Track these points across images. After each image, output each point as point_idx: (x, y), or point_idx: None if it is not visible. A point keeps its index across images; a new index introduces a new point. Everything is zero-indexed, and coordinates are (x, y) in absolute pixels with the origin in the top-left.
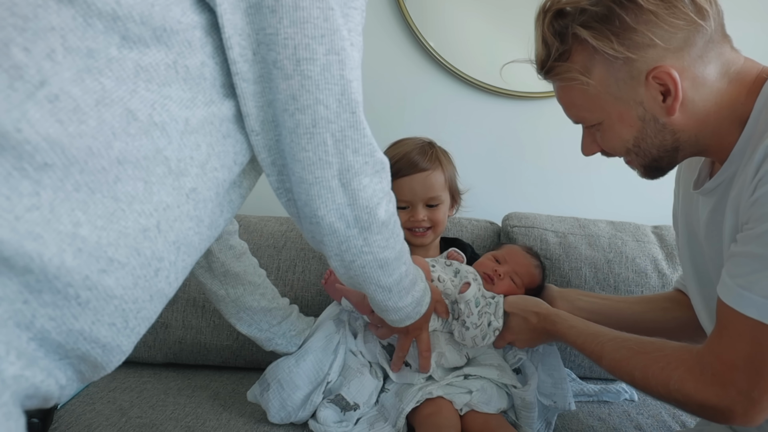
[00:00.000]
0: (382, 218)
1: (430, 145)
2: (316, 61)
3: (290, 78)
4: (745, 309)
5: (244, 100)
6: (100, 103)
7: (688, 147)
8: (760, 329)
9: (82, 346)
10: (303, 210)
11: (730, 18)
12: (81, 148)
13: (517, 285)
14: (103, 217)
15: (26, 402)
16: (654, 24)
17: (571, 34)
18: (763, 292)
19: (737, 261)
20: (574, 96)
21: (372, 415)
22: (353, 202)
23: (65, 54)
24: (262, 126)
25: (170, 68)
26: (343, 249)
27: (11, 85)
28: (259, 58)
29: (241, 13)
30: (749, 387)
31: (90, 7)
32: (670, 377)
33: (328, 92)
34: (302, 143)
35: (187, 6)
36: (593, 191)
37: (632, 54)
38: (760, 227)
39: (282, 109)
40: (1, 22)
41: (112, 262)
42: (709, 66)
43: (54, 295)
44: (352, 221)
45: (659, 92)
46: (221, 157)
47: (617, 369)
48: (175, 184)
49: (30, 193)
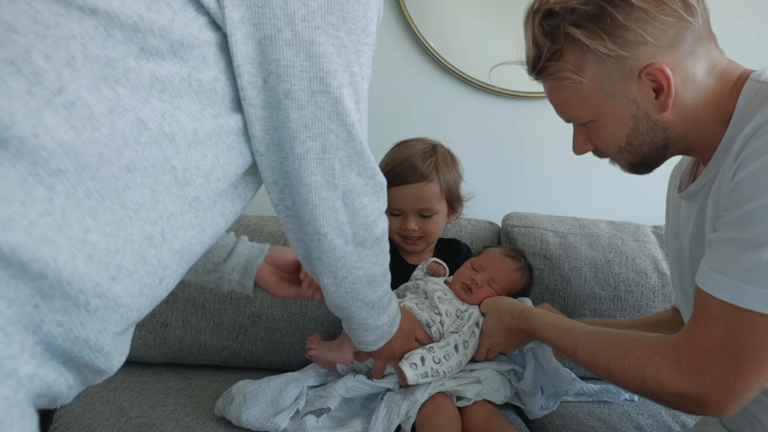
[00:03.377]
0: (376, 235)
1: (432, 152)
2: (329, 94)
3: (303, 108)
4: (720, 293)
5: (250, 123)
6: (113, 111)
7: (677, 144)
8: (735, 312)
9: (86, 354)
10: (305, 228)
11: (731, 18)
12: (93, 154)
13: (497, 291)
14: (111, 224)
15: (37, 401)
16: (645, 21)
17: (563, 33)
18: (737, 276)
19: (715, 247)
20: (566, 95)
21: (345, 414)
22: (353, 219)
23: (84, 62)
24: (266, 148)
25: (184, 81)
26: (339, 265)
27: (30, 91)
28: (269, 86)
29: (254, 43)
30: (724, 373)
31: (112, 19)
32: (645, 366)
33: (339, 122)
34: (311, 168)
35: (204, 24)
36: (593, 191)
37: (624, 52)
38: (737, 211)
39: (292, 137)
40: (23, 29)
41: (121, 270)
42: (698, 62)
43: (64, 301)
44: (350, 237)
45: (651, 89)
46: (225, 168)
47: (593, 362)
48: (180, 192)
49: (43, 199)
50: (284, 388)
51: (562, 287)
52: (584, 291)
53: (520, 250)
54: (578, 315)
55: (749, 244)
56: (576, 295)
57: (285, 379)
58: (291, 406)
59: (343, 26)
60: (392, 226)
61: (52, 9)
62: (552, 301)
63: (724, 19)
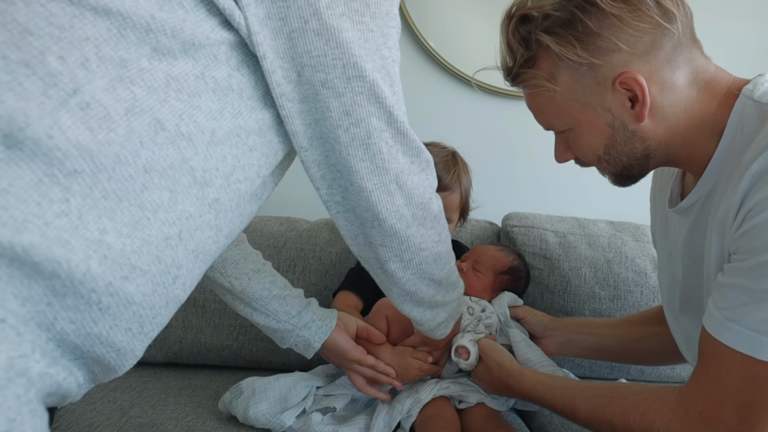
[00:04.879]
0: (435, 212)
1: (454, 161)
2: (365, 78)
3: (342, 95)
4: (735, 343)
5: (290, 119)
6: (129, 112)
7: (659, 155)
8: (751, 364)
9: (97, 349)
10: (363, 216)
11: (731, 18)
12: (109, 155)
13: (483, 273)
14: (129, 225)
15: (47, 399)
16: (618, 28)
17: (534, 40)
18: (754, 326)
19: (724, 292)
20: (541, 103)
21: (348, 413)
22: (409, 201)
23: (99, 63)
24: (309, 142)
25: (199, 79)
26: (403, 248)
27: (45, 92)
28: (304, 79)
29: (284, 37)
30: (738, 423)
31: (125, 20)
32: (653, 421)
33: (378, 105)
34: (359, 155)
35: (216, 24)
36: (593, 191)
37: (597, 60)
38: (752, 260)
39: (335, 126)
40: (38, 31)
41: (135, 269)
42: (677, 71)
43: (77, 299)
44: (410, 219)
45: (627, 98)
46: (246, 170)
47: (594, 419)
48: (200, 194)
49: (60, 200)
50: (294, 386)
51: (561, 287)
52: (584, 291)
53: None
54: (578, 315)
55: (765, 295)
56: (576, 295)
57: (294, 378)
58: (299, 404)
59: (367, 11)
60: None
61: (66, 11)
62: (552, 301)
63: (725, 19)
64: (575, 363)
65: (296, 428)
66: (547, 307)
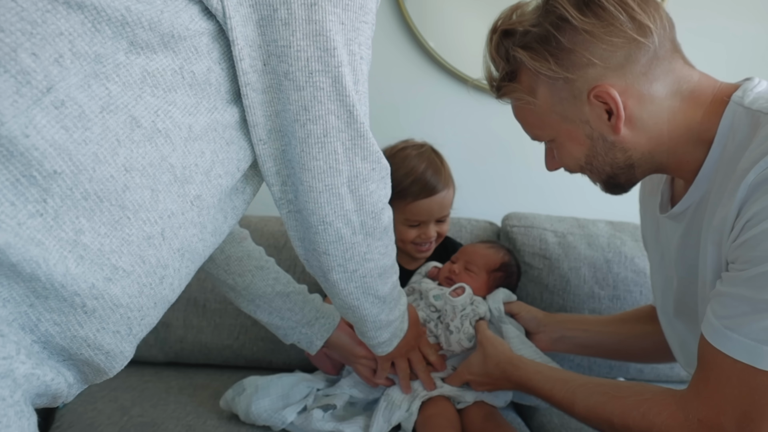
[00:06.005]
0: (385, 223)
1: (437, 156)
2: (328, 73)
3: (302, 89)
4: (735, 352)
5: (252, 109)
6: (104, 109)
7: (644, 164)
8: (751, 373)
9: (85, 351)
10: (309, 219)
11: (731, 18)
12: (87, 154)
13: (475, 272)
14: (107, 225)
15: (36, 400)
16: (591, 43)
17: (512, 55)
18: (754, 335)
19: (723, 301)
20: (525, 115)
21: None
22: (360, 207)
23: (73, 59)
24: (269, 135)
25: (176, 74)
26: (347, 257)
27: (18, 90)
28: (269, 69)
29: (253, 24)
30: (737, 431)
31: (100, 13)
32: (653, 423)
33: (339, 103)
34: (313, 152)
35: (195, 13)
36: (592, 191)
37: (570, 74)
38: (751, 270)
39: (293, 120)
40: (9, 27)
41: (117, 270)
42: (655, 83)
43: (60, 302)
44: (358, 227)
45: (604, 111)
46: (225, 164)
47: (593, 415)
48: (180, 191)
49: (36, 200)
50: (296, 384)
51: (561, 287)
52: (583, 291)
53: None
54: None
55: (765, 305)
56: (575, 295)
57: (297, 377)
58: (300, 402)
59: (340, 2)
60: (408, 237)
61: (38, 5)
62: (551, 301)
63: (725, 19)
64: (575, 363)
65: (297, 424)
66: (546, 306)
